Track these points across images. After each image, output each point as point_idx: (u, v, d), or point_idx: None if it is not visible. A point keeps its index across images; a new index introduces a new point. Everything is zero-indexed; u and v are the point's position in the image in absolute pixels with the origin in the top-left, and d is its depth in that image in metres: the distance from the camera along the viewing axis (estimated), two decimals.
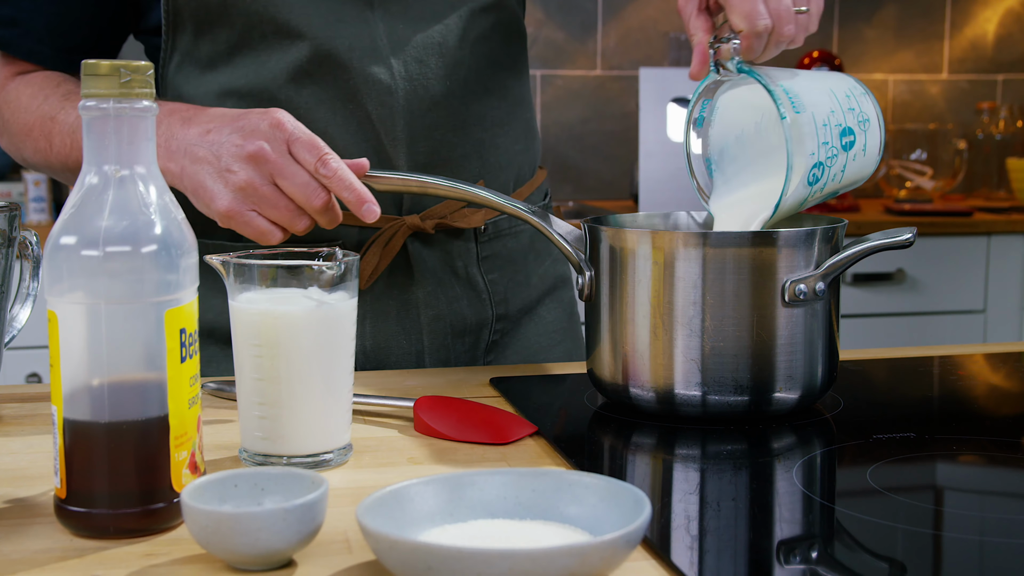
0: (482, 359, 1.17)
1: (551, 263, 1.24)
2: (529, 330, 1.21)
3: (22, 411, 0.94)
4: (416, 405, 0.89)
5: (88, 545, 0.66)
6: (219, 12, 1.04)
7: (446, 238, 1.13)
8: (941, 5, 3.27)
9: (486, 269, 1.15)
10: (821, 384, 0.90)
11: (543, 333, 1.22)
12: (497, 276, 1.16)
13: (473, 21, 1.10)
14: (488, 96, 1.14)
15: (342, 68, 1.05)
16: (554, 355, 1.22)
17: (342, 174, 0.93)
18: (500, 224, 1.16)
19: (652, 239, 0.88)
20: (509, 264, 1.18)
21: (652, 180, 2.73)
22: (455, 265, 1.13)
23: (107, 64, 0.66)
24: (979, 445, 0.86)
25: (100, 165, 0.67)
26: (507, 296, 1.17)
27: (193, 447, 0.69)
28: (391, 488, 0.63)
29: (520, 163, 1.18)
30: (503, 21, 1.14)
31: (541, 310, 1.22)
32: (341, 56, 1.04)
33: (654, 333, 0.88)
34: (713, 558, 0.65)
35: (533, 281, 1.21)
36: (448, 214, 1.11)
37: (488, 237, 1.15)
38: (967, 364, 1.13)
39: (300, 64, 1.04)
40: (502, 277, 1.17)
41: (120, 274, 0.65)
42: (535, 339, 1.21)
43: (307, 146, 0.93)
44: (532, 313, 1.21)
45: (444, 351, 1.14)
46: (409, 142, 1.08)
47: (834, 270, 0.88)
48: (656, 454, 0.85)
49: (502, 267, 1.17)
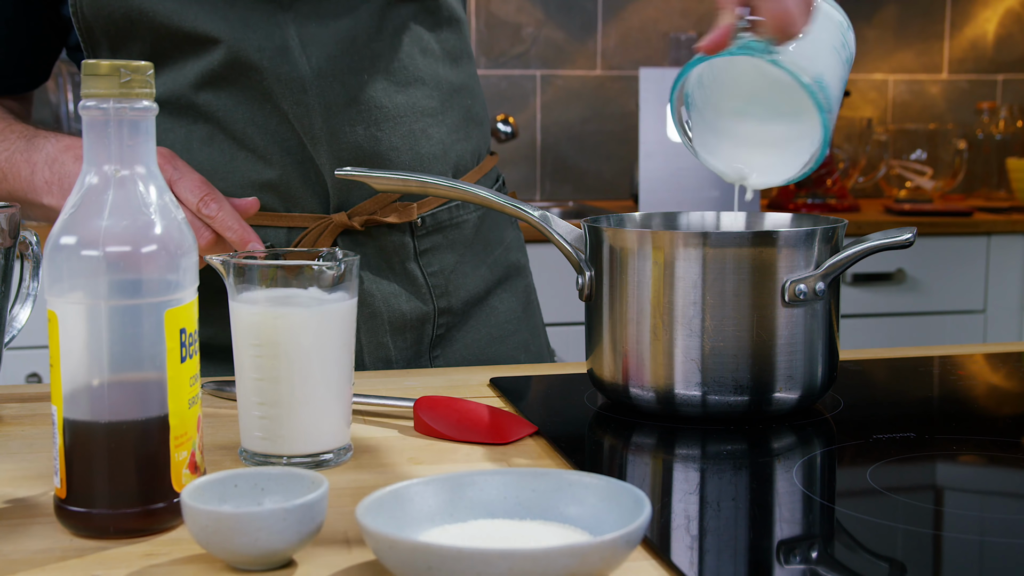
0: (427, 355, 1.16)
1: (502, 251, 1.22)
2: (480, 322, 1.19)
3: (22, 411, 0.94)
4: (416, 405, 0.89)
5: (88, 545, 0.66)
6: (127, 27, 1.06)
7: (379, 234, 1.12)
8: (941, 5, 3.27)
9: (425, 263, 1.14)
10: (821, 384, 0.90)
11: (495, 324, 1.20)
12: (438, 268, 1.15)
13: (389, 12, 1.09)
14: (418, 86, 1.12)
15: (254, 70, 1.05)
16: (507, 346, 1.20)
17: (223, 215, 0.96)
18: (439, 216, 1.15)
19: (652, 239, 0.88)
20: (451, 256, 1.16)
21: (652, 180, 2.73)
22: (390, 261, 1.13)
23: (107, 64, 0.66)
24: (979, 445, 0.86)
25: (100, 165, 0.67)
26: (449, 289, 1.16)
27: (193, 447, 0.69)
28: (391, 488, 0.63)
29: (459, 151, 1.17)
30: (428, 9, 1.12)
31: (492, 300, 1.21)
32: (252, 58, 1.05)
33: (654, 333, 0.88)
34: (713, 558, 0.65)
35: (481, 271, 1.19)
36: (378, 210, 1.10)
37: (426, 230, 1.14)
38: (967, 364, 1.13)
39: (214, 69, 1.06)
40: (443, 269, 1.16)
41: (120, 274, 0.65)
42: (486, 331, 1.19)
43: (189, 187, 0.97)
44: (482, 304, 1.20)
45: (382, 349, 1.13)
46: (330, 139, 1.07)
47: (834, 270, 0.88)
48: (656, 454, 0.85)
49: (443, 259, 1.16)
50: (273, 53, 1.05)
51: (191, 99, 1.07)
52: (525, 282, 1.27)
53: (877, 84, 3.26)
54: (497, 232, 1.22)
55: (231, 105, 1.06)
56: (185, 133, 1.08)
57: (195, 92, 1.07)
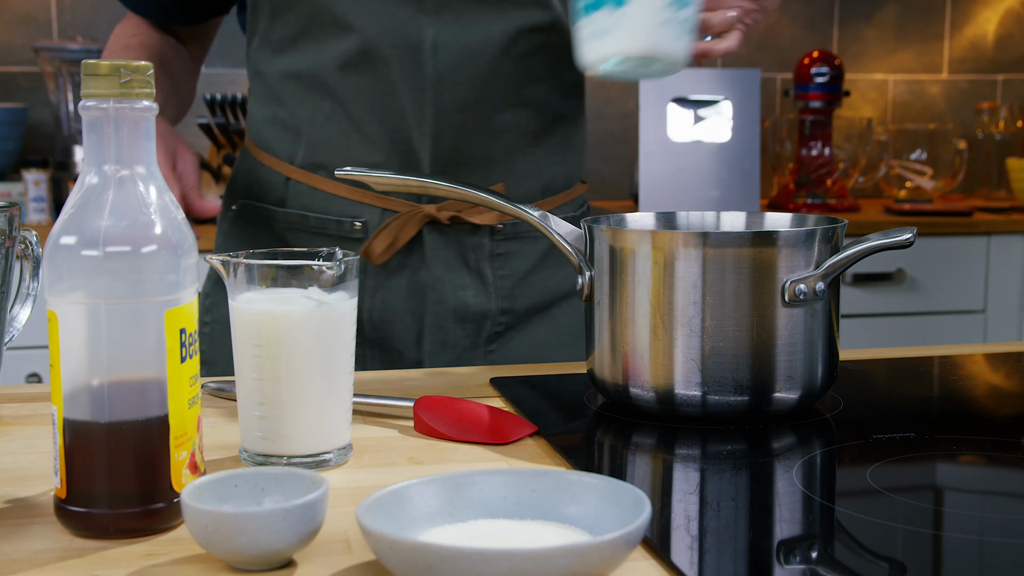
0: (483, 347, 1.22)
1: (568, 271, 1.27)
2: (540, 327, 1.24)
3: (22, 411, 0.94)
4: (416, 405, 0.89)
5: (88, 545, 0.66)
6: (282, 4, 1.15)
7: (461, 230, 1.19)
8: (941, 5, 3.27)
9: (497, 265, 1.21)
10: (821, 384, 0.90)
11: (554, 332, 1.25)
12: (508, 272, 1.22)
13: (519, 37, 1.15)
14: (524, 108, 1.19)
15: (384, 63, 1.13)
16: (564, 354, 1.25)
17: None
18: (520, 227, 1.22)
19: (652, 239, 0.88)
20: (523, 263, 1.23)
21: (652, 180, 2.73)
22: (467, 257, 1.20)
23: (107, 64, 0.66)
24: (979, 445, 0.86)
25: (100, 165, 0.67)
26: (514, 292, 1.22)
27: (193, 447, 0.69)
28: (391, 488, 0.63)
29: (552, 175, 1.23)
30: (554, 43, 1.18)
31: (555, 311, 1.26)
32: (384, 52, 1.13)
33: (654, 333, 0.88)
34: (713, 558, 0.65)
35: (549, 284, 1.25)
36: (464, 209, 1.18)
37: (503, 236, 1.21)
38: (967, 364, 1.13)
39: (348, 55, 1.14)
40: (513, 274, 1.22)
41: (120, 274, 0.65)
42: (544, 337, 1.24)
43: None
44: (545, 312, 1.25)
45: (443, 333, 1.20)
46: (435, 137, 1.15)
47: (834, 270, 0.88)
48: (656, 454, 0.85)
49: (514, 265, 1.22)
50: (405, 51, 1.13)
51: (324, 78, 1.15)
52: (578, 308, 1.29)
53: (877, 84, 3.26)
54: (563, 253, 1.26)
55: (357, 90, 1.15)
56: (312, 108, 1.17)
57: (329, 72, 1.15)
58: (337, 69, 1.14)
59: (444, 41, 1.13)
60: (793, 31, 3.19)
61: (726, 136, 2.76)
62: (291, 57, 1.17)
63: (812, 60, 2.91)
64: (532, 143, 1.20)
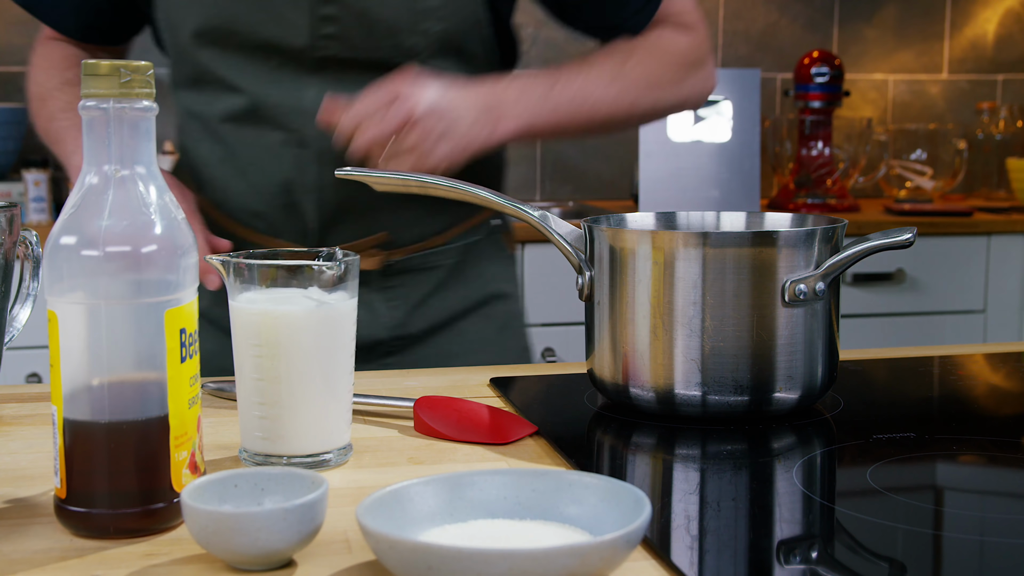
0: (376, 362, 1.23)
1: (480, 283, 1.28)
2: (443, 340, 1.26)
3: (22, 411, 0.94)
4: (416, 405, 0.89)
5: (88, 545, 0.66)
6: (181, 54, 1.19)
7: None
8: (941, 5, 3.27)
9: (387, 297, 1.22)
10: (821, 384, 0.90)
11: (460, 343, 1.26)
12: (400, 303, 1.23)
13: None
14: None
15: (269, 121, 1.17)
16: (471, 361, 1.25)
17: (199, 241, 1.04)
18: (412, 261, 1.22)
19: (652, 239, 0.88)
20: (414, 296, 1.24)
21: (652, 180, 2.73)
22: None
23: (107, 64, 0.66)
24: (979, 445, 0.86)
25: (100, 165, 0.67)
26: (405, 321, 1.23)
27: (193, 447, 0.69)
28: (391, 488, 0.63)
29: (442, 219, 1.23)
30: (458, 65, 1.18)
31: (462, 324, 1.27)
32: (269, 112, 1.16)
33: (654, 333, 0.88)
34: (713, 558, 0.65)
35: (450, 304, 1.26)
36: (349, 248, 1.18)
37: (394, 272, 1.22)
38: (967, 364, 1.13)
39: (236, 111, 1.17)
40: (404, 304, 1.23)
41: (120, 274, 0.65)
42: (448, 347, 1.25)
43: None
44: (448, 328, 1.26)
45: None
46: (319, 191, 1.17)
47: (834, 270, 0.88)
48: (656, 454, 0.85)
49: (405, 296, 1.23)
50: (288, 110, 1.16)
51: (214, 127, 1.20)
52: (503, 308, 1.31)
53: (877, 84, 3.26)
54: (478, 268, 1.28)
55: (245, 142, 1.18)
56: (208, 149, 1.21)
57: (219, 122, 1.20)
58: (226, 120, 1.18)
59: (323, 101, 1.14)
60: (793, 31, 3.19)
61: (726, 136, 2.76)
62: (192, 97, 1.21)
63: (812, 60, 2.91)
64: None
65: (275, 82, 1.16)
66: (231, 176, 1.20)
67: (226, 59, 1.16)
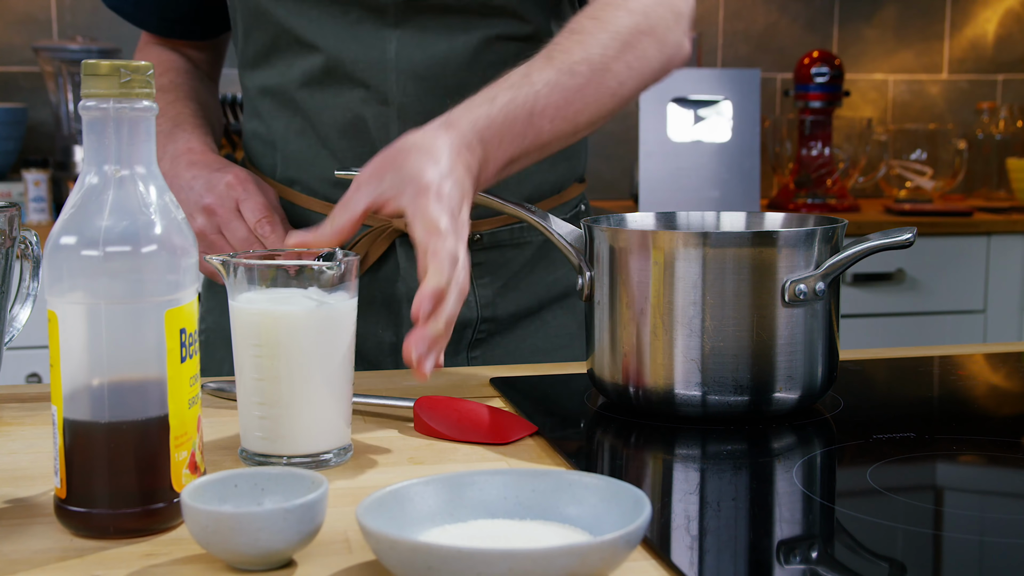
0: (464, 354, 1.20)
1: (565, 272, 1.25)
2: (528, 332, 1.22)
3: (22, 411, 0.94)
4: (416, 405, 0.89)
5: (88, 545, 0.66)
6: (256, 17, 1.15)
7: None
8: (941, 5, 3.27)
9: (476, 274, 1.18)
10: (821, 384, 0.90)
11: (545, 337, 1.23)
12: (488, 281, 1.19)
13: (488, 47, 1.13)
14: None
15: (349, 79, 1.12)
16: (555, 358, 1.23)
17: (274, 238, 1.06)
18: (500, 235, 1.19)
19: (652, 239, 0.88)
20: (504, 273, 1.20)
21: (652, 180, 2.73)
22: None
23: (107, 64, 0.66)
24: (979, 445, 0.86)
25: (100, 165, 0.67)
26: (495, 301, 1.20)
27: (193, 447, 0.69)
28: (391, 488, 0.63)
29: (538, 181, 1.20)
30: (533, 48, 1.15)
31: (546, 315, 1.24)
32: (348, 68, 1.12)
33: (654, 333, 0.88)
34: (713, 558, 0.65)
35: (537, 289, 1.22)
36: None
37: (482, 246, 1.18)
38: (967, 364, 1.13)
39: (313, 72, 1.13)
40: (493, 283, 1.19)
41: (120, 274, 0.65)
42: (532, 341, 1.22)
43: (252, 207, 1.08)
44: (534, 317, 1.23)
45: None
46: None
47: (834, 270, 0.88)
48: (656, 454, 0.85)
49: (494, 274, 1.20)
50: (368, 65, 1.12)
51: (292, 95, 1.15)
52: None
53: (877, 84, 3.26)
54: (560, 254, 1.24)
55: (323, 106, 1.14)
56: (285, 123, 1.17)
57: (296, 89, 1.15)
58: (303, 86, 1.14)
59: (406, 55, 1.12)
60: (793, 31, 3.19)
61: (726, 136, 2.76)
62: (264, 73, 1.18)
63: (812, 60, 2.91)
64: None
65: (355, 37, 1.12)
66: (311, 147, 1.16)
67: (304, 14, 1.12)
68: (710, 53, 3.18)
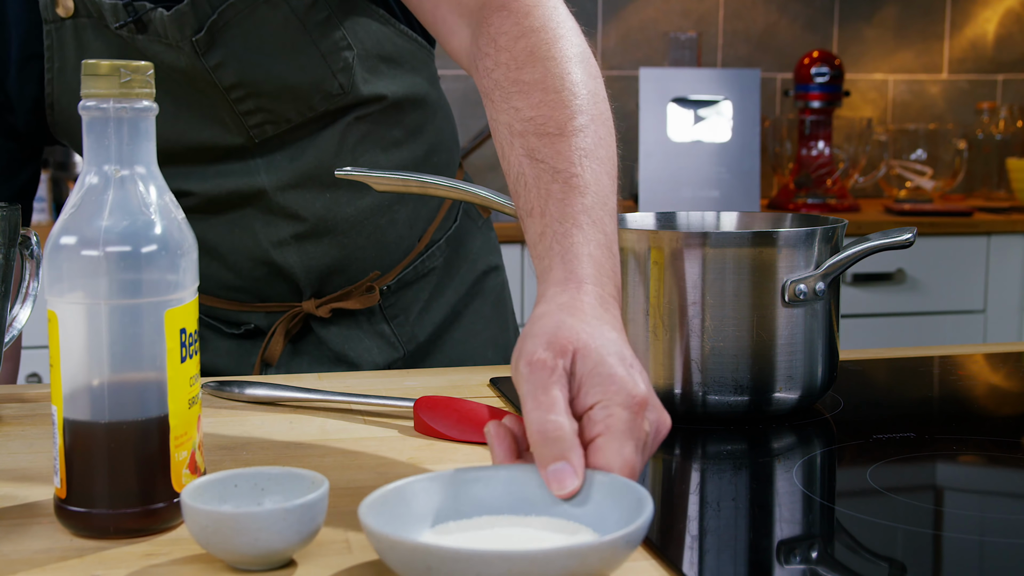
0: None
1: (468, 267, 1.28)
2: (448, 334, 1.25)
3: (22, 411, 0.94)
4: (416, 405, 0.89)
5: (88, 545, 0.66)
6: None
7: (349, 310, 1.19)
8: (941, 5, 3.27)
9: (391, 315, 1.21)
10: (821, 384, 0.90)
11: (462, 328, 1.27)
12: (403, 318, 1.22)
13: (349, 130, 1.14)
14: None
15: (229, 206, 1.14)
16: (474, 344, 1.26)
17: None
18: (405, 278, 1.22)
19: (652, 239, 0.88)
20: (414, 306, 1.23)
21: (652, 180, 2.73)
22: (362, 327, 1.20)
23: (107, 64, 0.66)
24: (979, 445, 0.86)
25: (100, 165, 0.67)
26: (415, 332, 1.23)
27: (193, 447, 0.69)
28: (394, 485, 0.63)
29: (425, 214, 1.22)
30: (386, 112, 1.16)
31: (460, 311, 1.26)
32: (226, 201, 1.13)
33: (654, 333, 0.88)
34: (713, 558, 0.65)
35: (446, 296, 1.26)
36: (345, 298, 1.18)
37: (391, 292, 1.21)
38: (967, 364, 1.13)
39: (192, 206, 1.13)
40: (408, 316, 1.22)
41: (120, 274, 0.65)
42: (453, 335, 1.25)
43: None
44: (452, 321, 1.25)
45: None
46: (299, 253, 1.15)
47: (834, 270, 0.88)
48: (656, 454, 0.85)
49: (408, 307, 1.23)
50: (246, 192, 1.13)
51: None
52: (496, 280, 1.32)
53: (877, 84, 3.26)
54: (463, 250, 1.28)
55: (205, 227, 1.14)
56: None
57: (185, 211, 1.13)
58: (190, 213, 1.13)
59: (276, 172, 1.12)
60: (793, 31, 3.19)
61: (726, 136, 2.76)
62: None
63: (812, 60, 2.91)
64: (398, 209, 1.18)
65: (223, 175, 1.13)
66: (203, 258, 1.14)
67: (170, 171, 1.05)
68: (710, 53, 3.18)
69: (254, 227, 1.15)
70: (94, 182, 0.66)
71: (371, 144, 1.16)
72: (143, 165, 0.67)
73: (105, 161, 0.67)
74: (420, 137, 1.20)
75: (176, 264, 0.67)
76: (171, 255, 0.67)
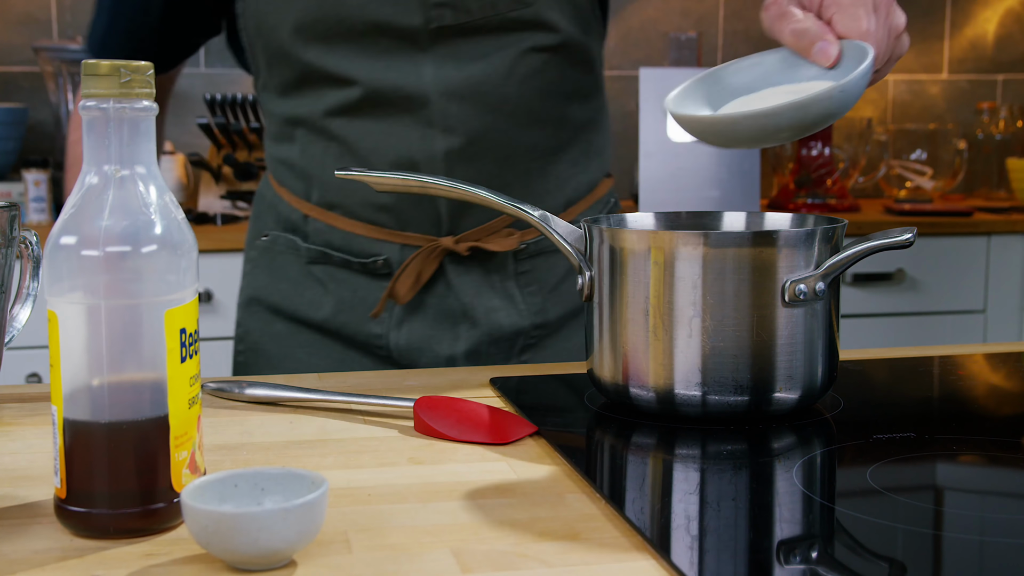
0: (515, 358, 1.23)
1: None
2: (573, 331, 1.25)
3: (22, 411, 0.94)
4: (416, 405, 0.89)
5: (88, 545, 0.66)
6: (280, 57, 1.15)
7: (483, 256, 1.19)
8: (941, 5, 3.27)
9: (523, 283, 1.21)
10: (821, 384, 0.90)
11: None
12: (535, 289, 1.22)
13: (522, 59, 1.14)
14: (540, 126, 1.18)
15: (388, 107, 1.13)
16: None
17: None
18: (542, 244, 1.22)
19: (652, 239, 0.88)
20: (549, 279, 1.23)
21: (652, 180, 2.73)
22: (491, 280, 1.20)
23: (107, 64, 0.66)
24: (979, 445, 0.86)
25: (100, 165, 0.67)
26: (545, 307, 1.22)
27: (193, 447, 0.69)
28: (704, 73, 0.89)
29: (575, 184, 1.23)
30: (562, 55, 1.17)
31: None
32: (387, 97, 1.13)
33: (654, 333, 0.88)
34: (713, 558, 0.65)
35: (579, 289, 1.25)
36: (484, 237, 1.18)
37: (526, 255, 1.21)
38: (967, 364, 1.13)
39: (350, 103, 1.14)
40: (541, 290, 1.22)
41: (120, 274, 0.65)
42: (578, 339, 1.25)
43: None
44: (580, 317, 1.25)
45: (477, 355, 1.21)
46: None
47: (834, 270, 0.88)
48: (656, 454, 0.85)
49: (541, 281, 1.22)
50: (408, 92, 1.13)
51: (324, 124, 1.16)
52: None
53: (877, 84, 3.26)
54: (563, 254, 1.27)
55: (361, 132, 1.14)
56: (323, 149, 1.18)
57: (331, 118, 1.15)
58: (339, 115, 1.15)
59: (443, 78, 1.12)
60: None
61: None
62: (293, 102, 1.18)
63: None
64: (552, 161, 1.20)
65: (389, 67, 1.12)
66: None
67: (333, 51, 1.12)
68: (710, 53, 3.18)
69: (410, 138, 1.14)
70: (94, 182, 0.66)
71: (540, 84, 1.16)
72: (143, 165, 0.67)
73: (105, 161, 0.67)
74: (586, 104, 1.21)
75: (176, 264, 0.67)
76: (171, 255, 0.67)
